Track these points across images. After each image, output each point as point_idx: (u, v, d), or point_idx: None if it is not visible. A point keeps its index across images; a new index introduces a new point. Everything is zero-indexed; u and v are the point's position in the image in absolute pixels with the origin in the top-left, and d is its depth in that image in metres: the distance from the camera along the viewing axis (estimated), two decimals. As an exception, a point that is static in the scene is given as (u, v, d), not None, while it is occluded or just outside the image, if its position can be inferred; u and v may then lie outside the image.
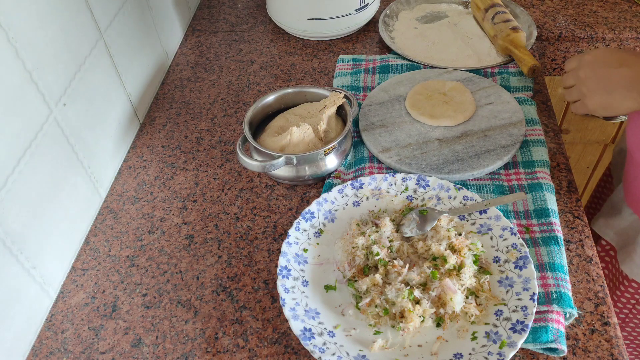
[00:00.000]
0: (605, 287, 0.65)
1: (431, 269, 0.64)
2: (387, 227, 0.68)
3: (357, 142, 0.84)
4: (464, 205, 0.71)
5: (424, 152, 0.80)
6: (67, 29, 0.70)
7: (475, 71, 0.95)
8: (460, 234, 0.68)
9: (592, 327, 0.62)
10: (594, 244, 0.70)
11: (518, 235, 0.66)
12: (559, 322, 0.60)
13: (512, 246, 0.66)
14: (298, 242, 0.69)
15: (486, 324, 0.60)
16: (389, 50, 1.03)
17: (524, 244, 0.65)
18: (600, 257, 0.91)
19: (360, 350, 0.59)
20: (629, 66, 0.67)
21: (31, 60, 0.62)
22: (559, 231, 0.69)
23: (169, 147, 0.88)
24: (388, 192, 0.74)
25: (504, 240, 0.67)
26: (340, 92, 0.82)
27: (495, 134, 0.81)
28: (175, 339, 0.64)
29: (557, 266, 0.65)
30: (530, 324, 0.58)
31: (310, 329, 0.60)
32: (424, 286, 0.63)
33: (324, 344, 0.59)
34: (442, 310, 0.61)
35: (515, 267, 0.64)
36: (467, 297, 0.62)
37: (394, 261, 0.65)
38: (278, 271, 0.65)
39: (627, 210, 0.81)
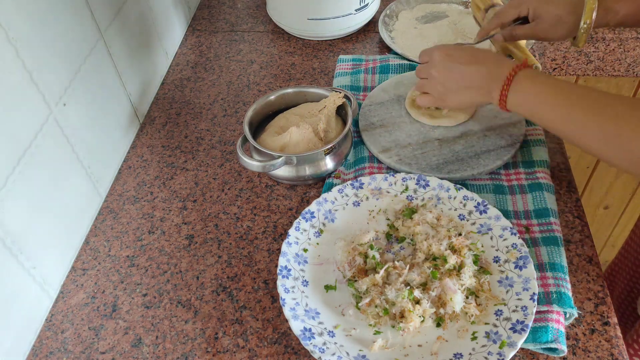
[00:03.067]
0: (605, 287, 0.66)
1: (431, 269, 0.64)
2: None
3: (357, 142, 0.84)
4: (464, 205, 0.71)
5: (424, 152, 0.80)
6: (67, 29, 0.70)
7: (475, 71, 0.95)
8: (460, 234, 0.68)
9: (592, 327, 0.62)
10: (593, 243, 0.70)
11: (518, 235, 0.66)
12: (559, 322, 0.60)
13: (512, 246, 0.66)
14: (298, 242, 0.69)
15: (486, 324, 0.60)
16: (389, 50, 1.03)
17: (524, 244, 0.65)
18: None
19: (360, 350, 0.59)
20: (480, 63, 0.70)
21: (31, 60, 0.62)
22: (559, 231, 0.69)
23: (169, 147, 0.88)
24: (388, 192, 0.74)
25: (504, 240, 0.67)
26: (340, 92, 0.82)
27: (495, 134, 0.81)
28: (175, 339, 0.64)
29: (557, 266, 0.65)
30: (530, 324, 0.58)
31: (310, 329, 0.60)
32: (424, 286, 0.63)
33: (324, 344, 0.59)
34: (442, 310, 0.61)
35: (515, 267, 0.64)
36: (467, 297, 0.62)
37: (395, 262, 0.65)
38: (278, 271, 0.65)
39: None
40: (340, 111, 0.84)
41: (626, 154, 0.56)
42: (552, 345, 0.58)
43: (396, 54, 1.01)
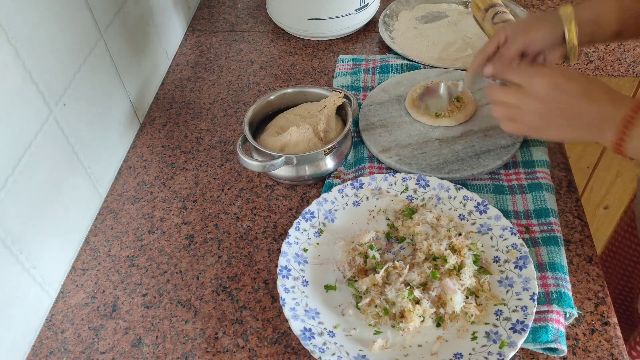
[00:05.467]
0: (605, 287, 0.66)
1: (431, 269, 0.64)
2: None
3: (357, 142, 0.84)
4: (464, 205, 0.71)
5: (424, 152, 0.80)
6: (67, 29, 0.70)
7: (475, 71, 0.95)
8: (460, 234, 0.68)
9: (592, 327, 0.62)
10: (593, 243, 0.70)
11: (518, 235, 0.66)
12: (559, 322, 0.60)
13: (512, 246, 0.66)
14: (298, 242, 0.69)
15: (486, 323, 0.60)
16: (389, 50, 1.03)
17: (524, 243, 0.65)
18: None
19: (360, 350, 0.59)
20: (592, 99, 0.58)
21: (31, 60, 0.62)
22: (559, 231, 0.69)
23: (169, 147, 0.88)
24: (388, 192, 0.74)
25: (504, 240, 0.67)
26: (340, 92, 0.82)
27: (495, 134, 0.81)
28: (175, 339, 0.64)
29: (557, 266, 0.65)
30: (530, 323, 0.58)
31: (310, 329, 0.60)
32: (424, 286, 0.63)
33: (324, 344, 0.59)
34: (442, 310, 0.61)
35: (515, 267, 0.64)
36: (467, 297, 0.62)
37: (395, 262, 0.65)
38: (278, 271, 0.65)
39: None
40: (340, 111, 0.84)
41: None
42: (552, 345, 0.58)
43: (396, 54, 1.01)
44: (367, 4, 1.03)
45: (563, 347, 0.58)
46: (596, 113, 0.58)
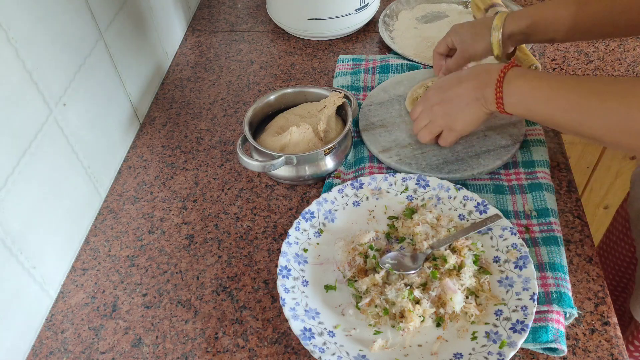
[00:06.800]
0: (605, 286, 0.66)
1: (431, 269, 0.64)
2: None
3: (357, 142, 0.84)
4: (464, 205, 0.71)
5: (424, 152, 0.80)
6: (67, 29, 0.70)
7: (475, 71, 0.95)
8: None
9: (592, 327, 0.62)
10: (593, 243, 0.70)
11: (518, 235, 0.66)
12: (559, 322, 0.60)
13: (512, 246, 0.66)
14: (298, 242, 0.69)
15: (486, 323, 0.60)
16: (389, 50, 1.03)
17: (524, 243, 0.65)
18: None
19: (360, 350, 0.59)
20: (469, 78, 0.70)
21: (31, 60, 0.62)
22: (559, 231, 0.69)
23: (169, 147, 0.88)
24: (388, 192, 0.74)
25: (504, 240, 0.67)
26: (340, 92, 0.82)
27: (495, 134, 0.81)
28: (175, 339, 0.64)
29: (557, 266, 0.65)
30: (530, 323, 0.58)
31: (310, 329, 0.60)
32: (424, 286, 0.63)
33: (324, 343, 0.59)
34: (442, 310, 0.61)
35: (515, 267, 0.64)
36: (467, 297, 0.62)
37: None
38: (278, 271, 0.65)
39: None
40: (340, 111, 0.84)
41: (637, 132, 0.54)
42: (552, 345, 0.58)
43: (396, 53, 1.01)
44: (367, 4, 1.03)
45: (563, 347, 0.58)
46: (476, 85, 0.68)
